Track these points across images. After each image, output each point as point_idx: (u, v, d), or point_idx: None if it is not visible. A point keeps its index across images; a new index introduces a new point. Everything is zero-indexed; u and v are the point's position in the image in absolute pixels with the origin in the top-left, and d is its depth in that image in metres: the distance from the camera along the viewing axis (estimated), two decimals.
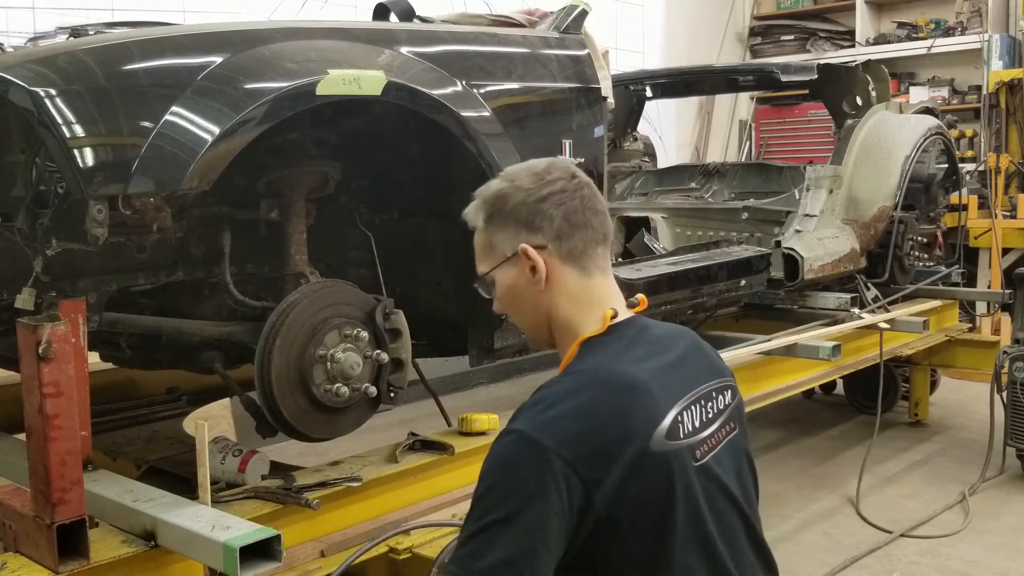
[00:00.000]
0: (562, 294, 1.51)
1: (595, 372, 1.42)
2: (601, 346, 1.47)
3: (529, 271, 1.50)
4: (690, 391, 1.46)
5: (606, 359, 1.45)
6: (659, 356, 1.48)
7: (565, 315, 1.52)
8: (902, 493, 4.49)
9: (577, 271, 1.51)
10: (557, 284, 1.51)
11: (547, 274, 1.50)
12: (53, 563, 1.78)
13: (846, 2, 8.48)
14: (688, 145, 8.28)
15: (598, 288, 1.53)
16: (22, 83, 1.76)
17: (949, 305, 5.36)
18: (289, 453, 3.02)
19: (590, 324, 1.50)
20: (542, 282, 1.50)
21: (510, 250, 1.51)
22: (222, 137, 1.88)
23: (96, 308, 2.18)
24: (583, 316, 1.51)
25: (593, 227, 1.52)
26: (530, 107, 2.67)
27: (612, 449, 1.33)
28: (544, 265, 1.49)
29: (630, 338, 1.49)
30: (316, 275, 2.43)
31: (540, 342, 1.60)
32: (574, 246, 1.50)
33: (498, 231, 1.52)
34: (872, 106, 4.93)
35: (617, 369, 1.42)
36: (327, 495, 2.24)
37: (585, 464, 1.32)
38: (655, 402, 1.40)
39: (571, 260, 1.51)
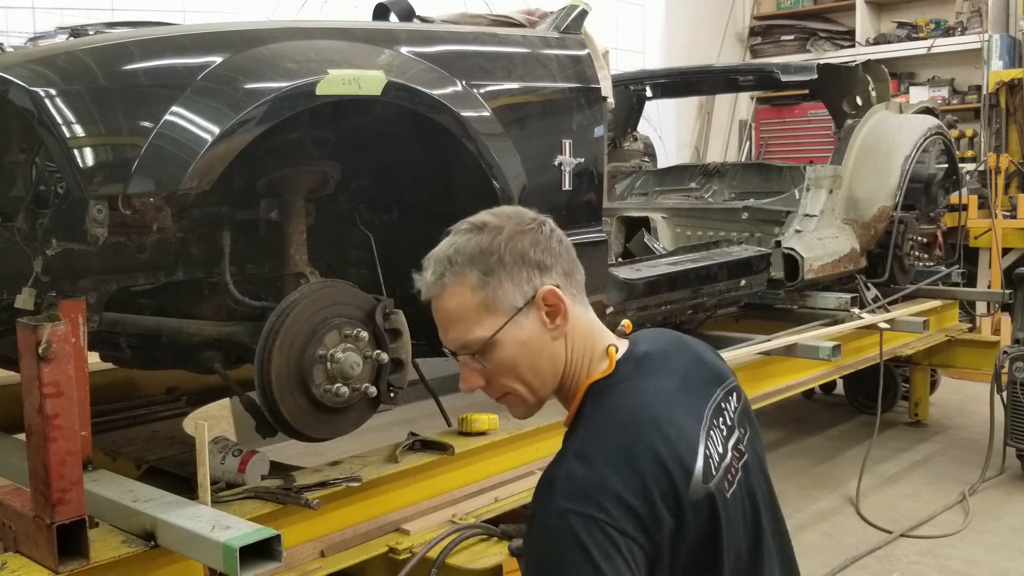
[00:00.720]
0: (575, 336, 1.43)
1: (615, 419, 1.36)
2: (610, 388, 1.41)
3: (546, 317, 1.40)
4: (704, 410, 1.41)
5: (620, 399, 1.38)
6: (668, 381, 1.43)
7: (577, 359, 1.44)
8: (902, 493, 4.49)
9: (581, 307, 1.46)
10: (572, 325, 1.42)
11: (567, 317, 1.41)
12: (53, 563, 1.78)
13: (846, 2, 8.48)
14: (688, 145, 8.28)
15: (595, 323, 1.49)
16: (22, 83, 1.75)
17: (949, 305, 5.36)
18: (289, 453, 3.01)
19: (595, 364, 1.44)
20: (563, 325, 1.41)
21: (522, 299, 1.39)
22: (222, 137, 1.87)
23: (96, 308, 2.17)
24: (590, 356, 1.45)
25: (578, 262, 1.49)
26: (530, 107, 2.67)
27: (657, 505, 1.29)
28: (567, 308, 1.40)
29: (636, 372, 1.43)
30: (316, 275, 2.42)
31: (543, 402, 1.49)
32: (576, 282, 1.46)
33: (505, 281, 1.39)
34: (872, 106, 4.93)
35: (636, 409, 1.36)
36: (327, 495, 2.24)
37: (639, 526, 1.27)
38: (686, 443, 1.35)
39: (576, 298, 1.45)
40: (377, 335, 2.29)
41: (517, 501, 2.58)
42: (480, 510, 2.46)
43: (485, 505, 2.50)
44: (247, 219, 2.41)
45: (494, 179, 2.43)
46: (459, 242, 1.42)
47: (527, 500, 2.62)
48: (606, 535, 1.25)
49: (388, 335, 2.31)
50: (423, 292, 1.46)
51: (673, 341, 1.55)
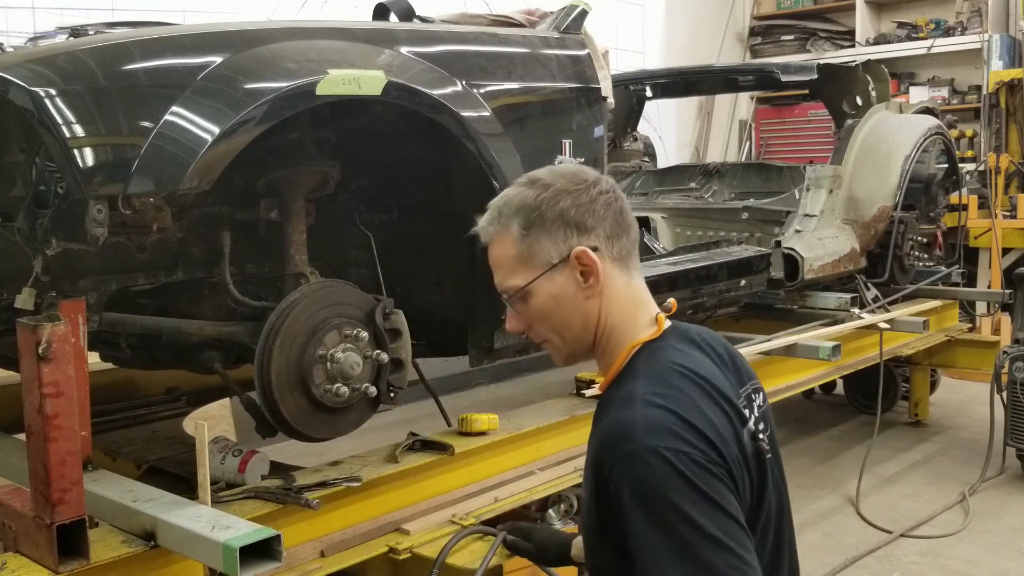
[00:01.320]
0: (611, 298, 1.47)
1: (673, 372, 1.39)
2: (658, 350, 1.44)
3: (579, 276, 1.45)
4: (740, 393, 1.46)
5: (675, 359, 1.41)
6: (712, 358, 1.47)
7: (615, 320, 1.47)
8: (902, 493, 4.49)
9: (624, 273, 1.49)
10: (607, 289, 1.46)
11: (601, 279, 1.45)
12: (53, 563, 1.78)
13: (846, 2, 8.49)
14: (688, 145, 8.28)
15: (640, 290, 1.52)
16: (22, 83, 1.75)
17: (949, 305, 5.36)
18: (289, 453, 3.01)
19: (640, 328, 1.48)
20: (597, 286, 1.45)
21: (557, 256, 1.44)
22: (222, 137, 1.87)
23: (96, 308, 2.17)
24: (632, 320, 1.48)
25: (633, 228, 1.51)
26: (530, 107, 2.67)
27: (726, 441, 1.34)
28: (600, 270, 1.44)
29: (683, 343, 1.47)
30: (316, 275, 2.43)
31: (577, 354, 1.53)
32: (622, 247, 1.48)
33: (542, 237, 1.44)
34: (872, 106, 4.93)
35: (692, 366, 1.40)
36: (327, 495, 2.24)
37: (721, 457, 1.31)
38: (733, 399, 1.41)
39: (619, 262, 1.48)
40: (377, 335, 2.29)
41: (517, 501, 2.58)
42: (480, 510, 2.46)
43: (485, 505, 2.50)
44: (247, 219, 2.41)
45: (494, 179, 2.43)
46: (511, 194, 1.49)
47: (527, 500, 2.62)
48: (698, 464, 1.28)
49: (388, 335, 2.31)
50: (480, 236, 1.53)
51: (713, 333, 1.59)
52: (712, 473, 1.29)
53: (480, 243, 1.54)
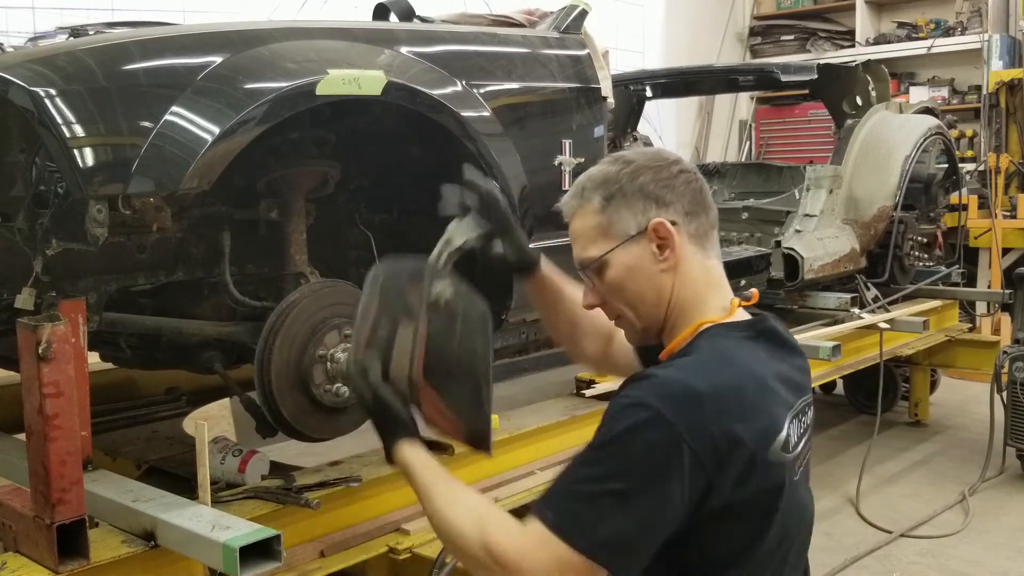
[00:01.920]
0: (685, 274, 1.47)
1: (728, 358, 1.38)
2: (724, 335, 1.43)
3: (656, 249, 1.46)
4: (794, 404, 1.44)
5: (736, 348, 1.40)
6: (779, 361, 1.45)
7: (686, 297, 1.47)
8: (902, 493, 4.49)
9: (700, 252, 1.49)
10: (682, 264, 1.47)
11: (676, 253, 1.46)
12: (53, 563, 1.78)
13: (846, 2, 8.48)
14: (688, 145, 8.28)
15: (716, 272, 1.51)
16: (22, 83, 1.75)
17: (949, 305, 5.36)
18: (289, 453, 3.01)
19: (711, 309, 1.47)
20: (672, 259, 1.46)
21: (635, 227, 1.46)
22: (222, 137, 1.87)
23: (96, 308, 2.17)
24: (704, 299, 1.48)
25: (713, 209, 1.52)
26: (530, 107, 2.67)
27: (736, 447, 1.30)
28: (677, 242, 1.45)
29: (754, 333, 1.45)
30: (316, 275, 2.42)
31: (649, 331, 1.52)
32: (699, 225, 1.49)
33: (621, 208, 1.47)
34: (872, 106, 4.93)
35: (748, 362, 1.38)
36: (327, 495, 2.24)
37: (711, 457, 1.28)
38: (778, 408, 1.38)
39: (696, 240, 1.48)
40: None
41: (517, 501, 2.58)
42: None
43: None
44: (247, 219, 2.41)
45: (494, 179, 2.43)
46: (595, 171, 1.53)
47: (527, 500, 2.62)
48: (677, 447, 1.26)
49: None
50: (563, 212, 1.56)
51: (795, 341, 1.57)
52: (680, 460, 1.26)
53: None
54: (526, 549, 1.29)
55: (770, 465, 1.34)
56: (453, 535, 1.38)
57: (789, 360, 1.48)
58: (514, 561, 1.30)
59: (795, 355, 1.51)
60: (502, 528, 1.34)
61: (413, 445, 1.49)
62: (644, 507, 1.27)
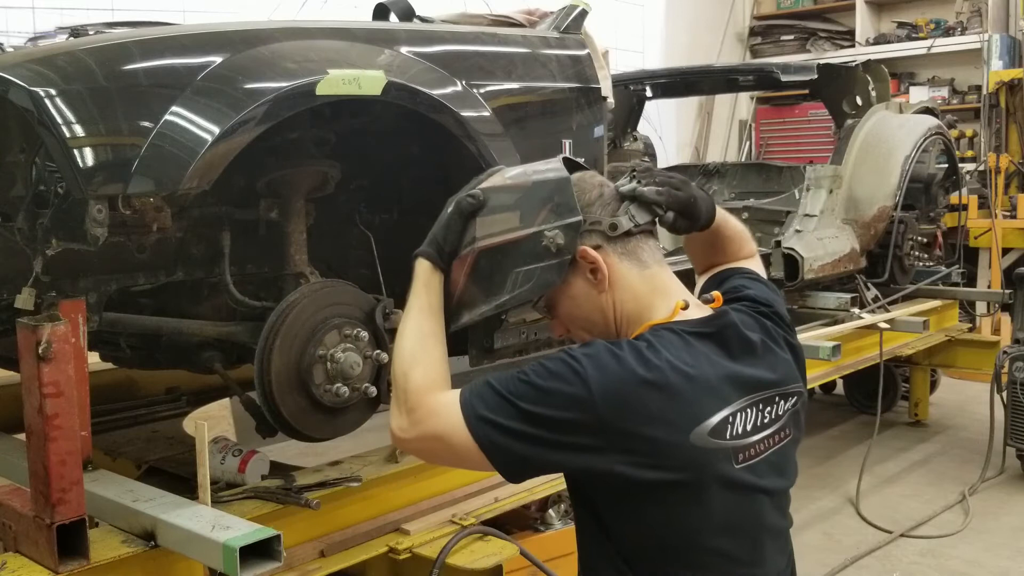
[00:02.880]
0: (625, 289, 1.51)
1: (667, 347, 1.42)
2: (668, 330, 1.47)
3: (589, 275, 1.51)
4: (750, 394, 1.45)
5: (674, 345, 1.44)
6: (725, 354, 1.46)
7: (631, 310, 1.52)
8: (902, 493, 4.49)
9: (636, 265, 1.52)
10: (619, 281, 1.51)
11: (608, 273, 1.50)
12: (53, 563, 1.78)
13: (846, 2, 8.49)
14: (688, 145, 8.28)
15: (658, 278, 1.54)
16: (22, 83, 1.75)
17: (949, 305, 5.36)
18: (289, 453, 3.02)
19: (658, 313, 1.51)
20: (605, 280, 1.50)
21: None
22: (222, 137, 1.87)
23: (96, 308, 2.17)
24: (650, 306, 1.51)
25: None
26: (530, 107, 2.67)
27: (642, 426, 1.36)
28: (604, 264, 1.49)
29: (705, 331, 1.47)
30: (316, 275, 2.42)
31: None
32: (627, 241, 1.51)
33: None
34: (872, 106, 4.93)
35: (681, 361, 1.41)
36: (327, 495, 2.24)
37: (614, 429, 1.35)
38: (707, 397, 1.41)
39: (627, 255, 1.51)
40: (377, 335, 2.29)
41: (517, 501, 2.58)
42: (480, 510, 2.46)
43: (485, 505, 2.50)
44: (247, 219, 2.41)
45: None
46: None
47: (527, 500, 2.62)
48: (589, 408, 1.35)
49: (388, 335, 2.30)
50: None
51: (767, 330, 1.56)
52: (580, 406, 1.35)
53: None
54: (436, 407, 1.43)
55: (692, 448, 1.37)
56: (398, 359, 1.50)
57: (745, 353, 1.49)
58: (423, 409, 1.44)
59: (754, 354, 1.50)
60: (432, 382, 1.47)
61: (431, 266, 1.56)
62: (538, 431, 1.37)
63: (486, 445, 1.39)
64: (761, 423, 1.46)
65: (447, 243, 1.56)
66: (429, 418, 1.44)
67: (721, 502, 1.41)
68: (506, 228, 1.52)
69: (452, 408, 1.42)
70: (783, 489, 1.54)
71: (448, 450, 1.43)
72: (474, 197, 1.55)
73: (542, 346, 2.88)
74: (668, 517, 1.41)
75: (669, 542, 1.43)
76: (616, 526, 1.45)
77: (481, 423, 1.39)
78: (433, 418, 1.43)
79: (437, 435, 1.43)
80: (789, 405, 1.52)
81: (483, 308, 1.55)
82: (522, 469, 1.43)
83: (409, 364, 1.49)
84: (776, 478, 1.50)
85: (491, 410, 1.39)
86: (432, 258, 1.56)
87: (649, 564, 1.44)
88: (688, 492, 1.40)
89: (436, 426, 1.43)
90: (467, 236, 1.55)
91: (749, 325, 1.53)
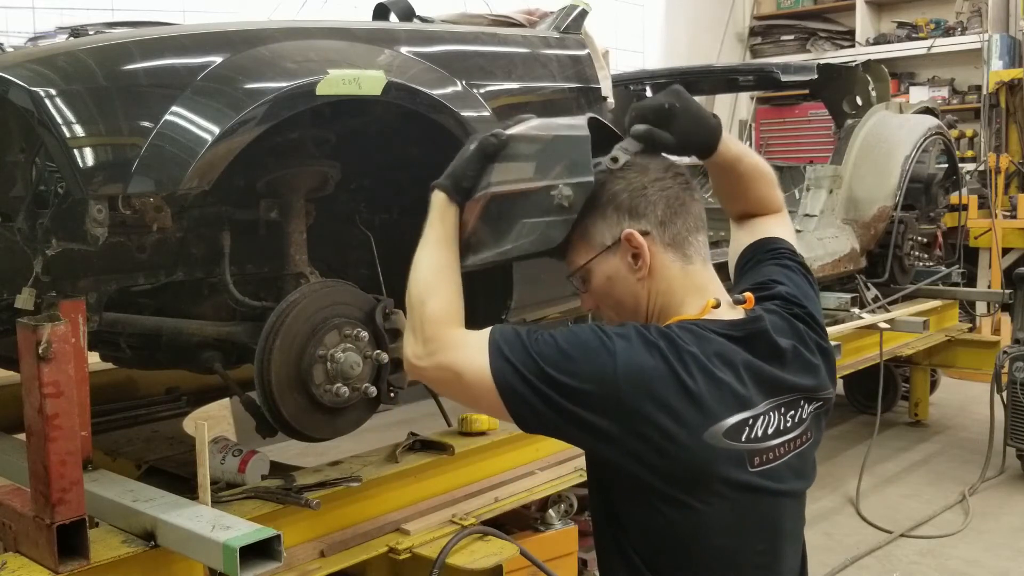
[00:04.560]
0: (663, 281, 1.50)
1: (691, 340, 1.41)
2: (697, 327, 1.45)
3: (631, 259, 1.49)
4: (774, 397, 1.44)
5: (701, 338, 1.43)
6: (752, 357, 1.44)
7: (664, 303, 1.50)
8: (902, 493, 4.49)
9: (679, 258, 1.50)
10: (659, 271, 1.49)
11: (650, 261, 1.48)
12: (53, 563, 1.78)
13: (846, 2, 8.49)
14: None
15: (699, 275, 1.52)
16: (22, 83, 1.75)
17: (949, 305, 5.36)
18: (289, 453, 3.02)
19: (688, 309, 1.49)
20: (645, 268, 1.49)
21: (610, 238, 1.50)
22: (222, 137, 1.87)
23: (96, 308, 2.17)
24: (683, 302, 1.50)
25: (693, 214, 1.53)
26: (530, 107, 2.66)
27: (659, 417, 1.35)
28: (648, 252, 1.48)
29: (728, 332, 1.45)
30: (316, 275, 2.42)
31: None
32: (676, 232, 1.50)
33: (596, 219, 1.51)
34: (872, 106, 4.93)
35: (706, 350, 1.40)
36: (327, 495, 2.24)
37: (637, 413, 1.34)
38: (728, 398, 1.39)
39: (673, 247, 1.50)
40: (377, 335, 2.29)
41: (517, 501, 2.58)
42: (480, 510, 2.46)
43: (485, 505, 2.50)
44: (247, 219, 2.41)
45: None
46: None
47: (527, 500, 2.62)
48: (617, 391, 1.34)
49: (388, 335, 2.31)
50: None
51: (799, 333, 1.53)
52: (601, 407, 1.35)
53: None
54: (456, 340, 1.44)
55: (703, 446, 1.36)
56: (413, 286, 1.51)
57: (772, 356, 1.47)
58: (441, 340, 1.44)
59: (782, 361, 1.48)
60: (449, 315, 1.47)
61: (447, 198, 1.56)
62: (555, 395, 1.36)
63: (504, 388, 1.38)
64: (783, 427, 1.45)
65: (464, 179, 1.55)
66: (447, 350, 1.43)
67: (731, 504, 1.40)
68: (520, 178, 1.53)
69: (475, 345, 1.41)
70: (802, 491, 1.53)
71: (461, 384, 1.42)
72: (497, 138, 1.56)
73: None
74: (673, 515, 1.40)
75: (675, 541, 1.42)
76: (625, 518, 1.45)
77: (504, 365, 1.37)
78: (452, 351, 1.43)
79: (454, 368, 1.42)
80: (813, 408, 1.51)
81: (487, 254, 1.56)
82: (534, 423, 1.41)
83: (426, 293, 1.48)
84: (796, 481, 1.49)
85: (516, 357, 1.38)
86: (448, 191, 1.56)
87: (659, 561, 1.43)
88: (691, 491, 1.39)
89: (455, 359, 1.42)
90: (484, 179, 1.55)
91: (781, 329, 1.50)
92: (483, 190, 1.55)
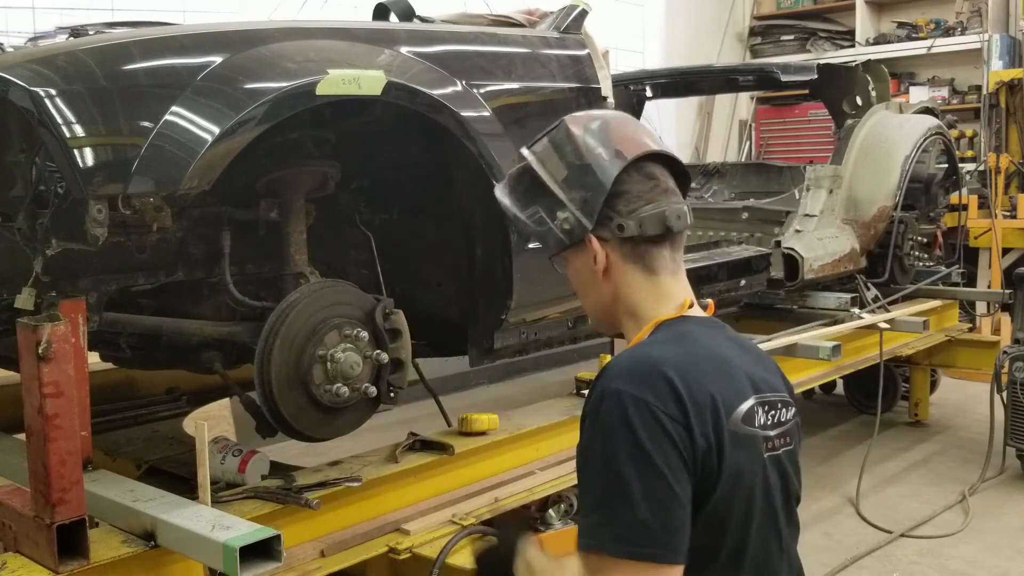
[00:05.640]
0: (628, 286, 1.53)
1: (684, 335, 1.45)
2: (682, 323, 1.49)
3: (591, 259, 1.53)
4: (760, 393, 1.47)
5: (695, 330, 1.48)
6: (735, 351, 1.51)
7: (631, 302, 1.54)
8: (902, 493, 4.49)
9: (641, 270, 1.53)
10: (622, 277, 1.53)
11: (607, 267, 1.52)
12: (53, 563, 1.78)
13: (846, 2, 8.48)
14: (688, 145, 8.27)
15: (664, 288, 1.54)
16: (22, 83, 1.75)
17: (949, 305, 5.35)
18: (289, 453, 3.01)
19: (662, 311, 1.52)
20: (602, 272, 1.53)
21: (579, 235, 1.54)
22: (222, 137, 1.87)
23: (96, 308, 2.17)
24: (652, 305, 1.53)
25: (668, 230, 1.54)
26: (530, 107, 2.67)
27: (700, 403, 1.35)
28: (604, 258, 1.52)
29: (708, 328, 1.51)
30: (316, 275, 2.42)
31: (603, 325, 1.63)
32: (634, 246, 1.52)
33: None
34: (872, 106, 4.93)
35: (706, 339, 1.45)
36: (327, 495, 2.24)
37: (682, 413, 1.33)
38: (738, 382, 1.43)
39: (632, 259, 1.52)
40: (377, 335, 2.29)
41: (517, 501, 2.58)
42: (480, 510, 2.46)
43: (485, 505, 2.50)
44: (247, 219, 2.41)
45: (494, 179, 2.43)
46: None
47: (527, 500, 2.62)
48: (655, 417, 1.32)
49: (388, 335, 2.31)
50: None
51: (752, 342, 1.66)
52: (663, 428, 1.31)
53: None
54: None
55: (732, 434, 1.38)
56: None
57: (745, 354, 1.53)
58: None
59: (749, 350, 1.56)
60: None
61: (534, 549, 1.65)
62: (648, 486, 1.30)
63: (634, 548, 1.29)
64: (772, 422, 1.48)
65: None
66: None
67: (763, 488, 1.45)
68: (549, 171, 1.56)
69: (587, 563, 1.35)
70: (796, 491, 1.58)
71: None
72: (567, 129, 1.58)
73: (542, 346, 2.88)
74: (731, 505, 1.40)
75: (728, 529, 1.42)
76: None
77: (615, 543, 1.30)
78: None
79: None
80: (790, 415, 1.54)
81: (507, 202, 1.62)
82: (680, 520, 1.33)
83: None
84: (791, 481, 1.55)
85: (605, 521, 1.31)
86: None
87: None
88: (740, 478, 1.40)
89: None
90: (540, 142, 1.61)
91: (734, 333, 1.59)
92: (530, 149, 1.61)
